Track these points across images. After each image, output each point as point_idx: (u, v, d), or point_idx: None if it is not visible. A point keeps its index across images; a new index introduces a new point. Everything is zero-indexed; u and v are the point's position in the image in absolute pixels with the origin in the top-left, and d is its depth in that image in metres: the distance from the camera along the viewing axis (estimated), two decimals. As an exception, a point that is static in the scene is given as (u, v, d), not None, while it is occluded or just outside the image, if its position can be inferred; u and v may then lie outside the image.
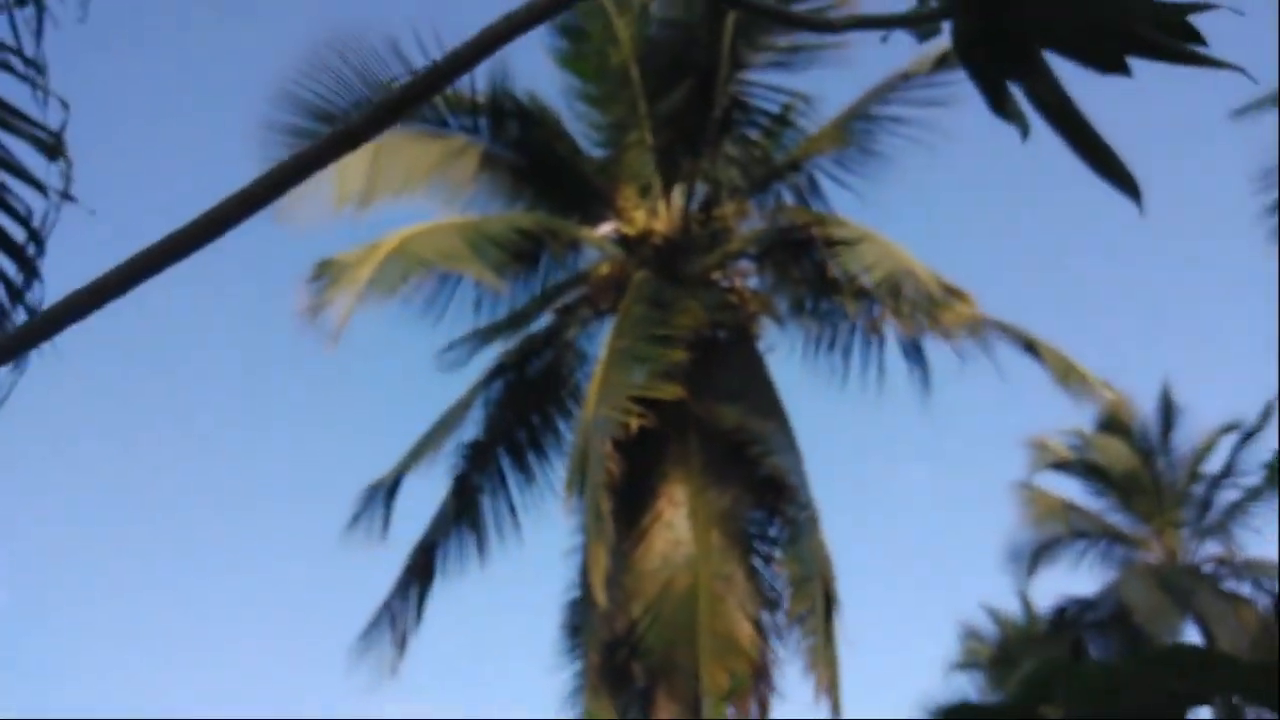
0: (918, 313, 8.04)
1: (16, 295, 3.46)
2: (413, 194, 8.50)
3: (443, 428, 8.57)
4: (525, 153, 8.80)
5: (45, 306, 0.68)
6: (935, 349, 8.47)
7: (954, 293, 8.03)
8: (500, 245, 7.97)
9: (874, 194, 8.92)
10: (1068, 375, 8.50)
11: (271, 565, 20.60)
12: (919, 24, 1.04)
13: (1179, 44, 1.04)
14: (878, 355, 8.73)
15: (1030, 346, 8.53)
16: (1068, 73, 1.20)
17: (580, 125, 9.06)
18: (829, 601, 7.65)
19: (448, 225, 8.28)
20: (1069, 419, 15.36)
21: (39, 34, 3.13)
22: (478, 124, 8.71)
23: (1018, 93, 1.18)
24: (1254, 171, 10.23)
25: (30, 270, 3.43)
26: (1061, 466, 15.54)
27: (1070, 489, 15.66)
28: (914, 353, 8.56)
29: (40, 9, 3.14)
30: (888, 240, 8.28)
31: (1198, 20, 1.05)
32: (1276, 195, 10.21)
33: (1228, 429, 14.75)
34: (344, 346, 7.71)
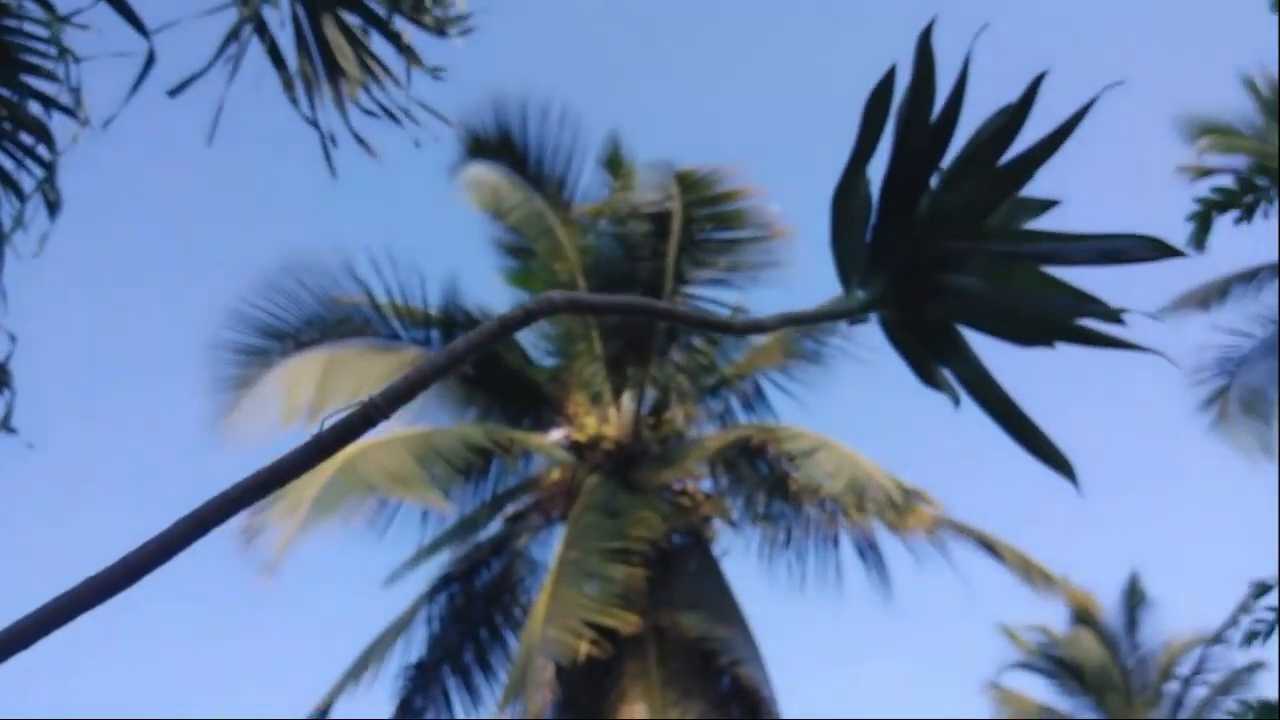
0: (876, 515, 8.03)
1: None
2: (363, 406, 8.45)
3: (383, 645, 8.18)
4: (476, 363, 8.89)
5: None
6: (891, 549, 8.44)
7: (916, 494, 8.05)
8: (449, 461, 7.88)
9: (819, 402, 9.10)
10: (1028, 573, 8.46)
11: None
12: (847, 317, 1.07)
13: (1097, 330, 1.07)
14: (835, 555, 8.65)
15: (987, 546, 8.52)
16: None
17: (530, 335, 9.22)
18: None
19: (398, 438, 8.17)
20: (1035, 615, 15.17)
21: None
22: (429, 336, 8.83)
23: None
24: (1188, 368, 10.52)
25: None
26: (1030, 665, 15.18)
27: (1039, 688, 15.24)
28: (870, 552, 8.51)
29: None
30: (843, 446, 8.35)
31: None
32: (1213, 388, 10.49)
33: (1202, 640, 14.46)
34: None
